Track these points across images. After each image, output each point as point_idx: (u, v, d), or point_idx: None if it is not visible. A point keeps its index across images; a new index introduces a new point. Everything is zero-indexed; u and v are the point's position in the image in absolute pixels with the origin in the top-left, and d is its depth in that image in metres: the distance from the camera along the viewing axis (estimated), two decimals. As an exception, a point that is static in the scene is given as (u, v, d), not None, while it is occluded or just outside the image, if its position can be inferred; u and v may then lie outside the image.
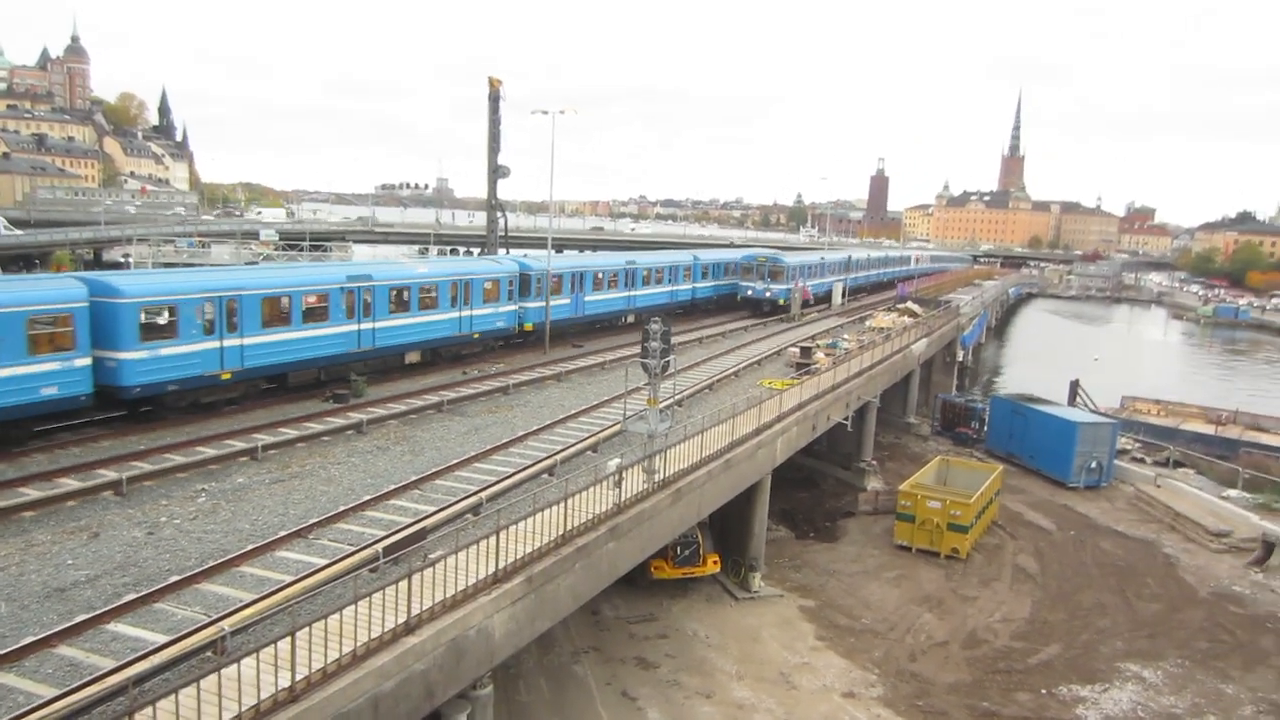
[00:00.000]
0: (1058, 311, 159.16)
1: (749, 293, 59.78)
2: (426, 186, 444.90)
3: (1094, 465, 42.64)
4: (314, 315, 29.89)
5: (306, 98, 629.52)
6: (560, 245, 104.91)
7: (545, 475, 22.50)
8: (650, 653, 25.60)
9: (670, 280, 55.23)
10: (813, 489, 41.13)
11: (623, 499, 20.03)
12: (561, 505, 18.03)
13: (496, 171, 69.88)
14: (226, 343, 26.85)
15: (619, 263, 50.83)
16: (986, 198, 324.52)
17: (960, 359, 64.86)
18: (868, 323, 56.00)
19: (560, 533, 17.85)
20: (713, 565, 29.35)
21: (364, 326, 31.83)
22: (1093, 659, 26.48)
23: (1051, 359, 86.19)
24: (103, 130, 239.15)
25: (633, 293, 50.84)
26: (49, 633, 13.72)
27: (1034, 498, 41.26)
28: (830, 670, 25.37)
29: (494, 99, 64.24)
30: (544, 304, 41.89)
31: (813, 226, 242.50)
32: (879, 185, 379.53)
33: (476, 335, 38.03)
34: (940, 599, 30.34)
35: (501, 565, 16.12)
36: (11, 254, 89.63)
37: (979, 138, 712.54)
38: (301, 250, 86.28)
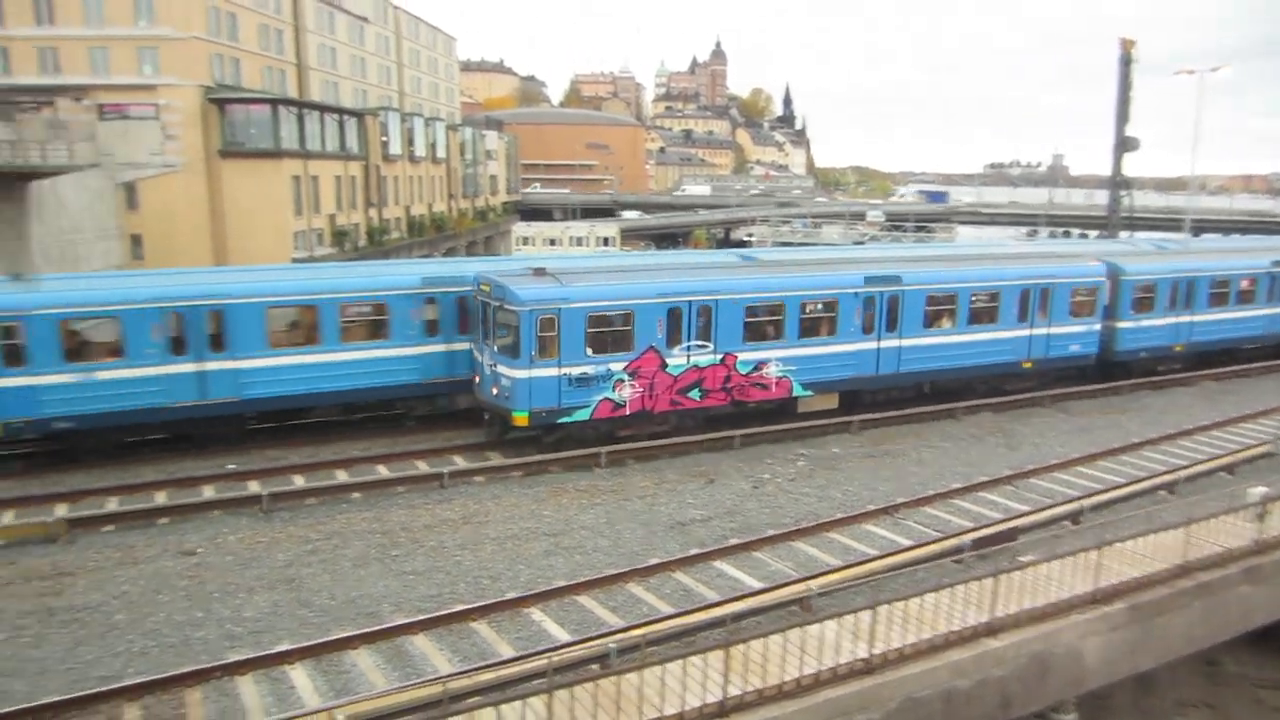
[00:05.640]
0: None
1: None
2: (1039, 164, 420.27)
3: None
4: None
5: (915, 77, 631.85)
6: (1200, 228, 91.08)
7: (1162, 492, 19.73)
8: (1281, 726, 21.10)
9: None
10: None
11: (1265, 535, 16.66)
12: (1183, 531, 15.59)
13: (1123, 144, 62.97)
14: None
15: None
16: None
17: None
18: None
19: (1178, 562, 15.46)
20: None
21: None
22: None
23: None
24: (735, 123, 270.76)
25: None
26: (671, 559, 15.90)
27: None
28: None
29: (1124, 62, 57.85)
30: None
31: None
32: None
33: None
34: None
35: (1101, 585, 14.52)
36: (661, 233, 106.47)
37: None
38: (905, 231, 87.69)
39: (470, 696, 10.82)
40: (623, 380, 21.63)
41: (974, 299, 26.55)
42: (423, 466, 20.29)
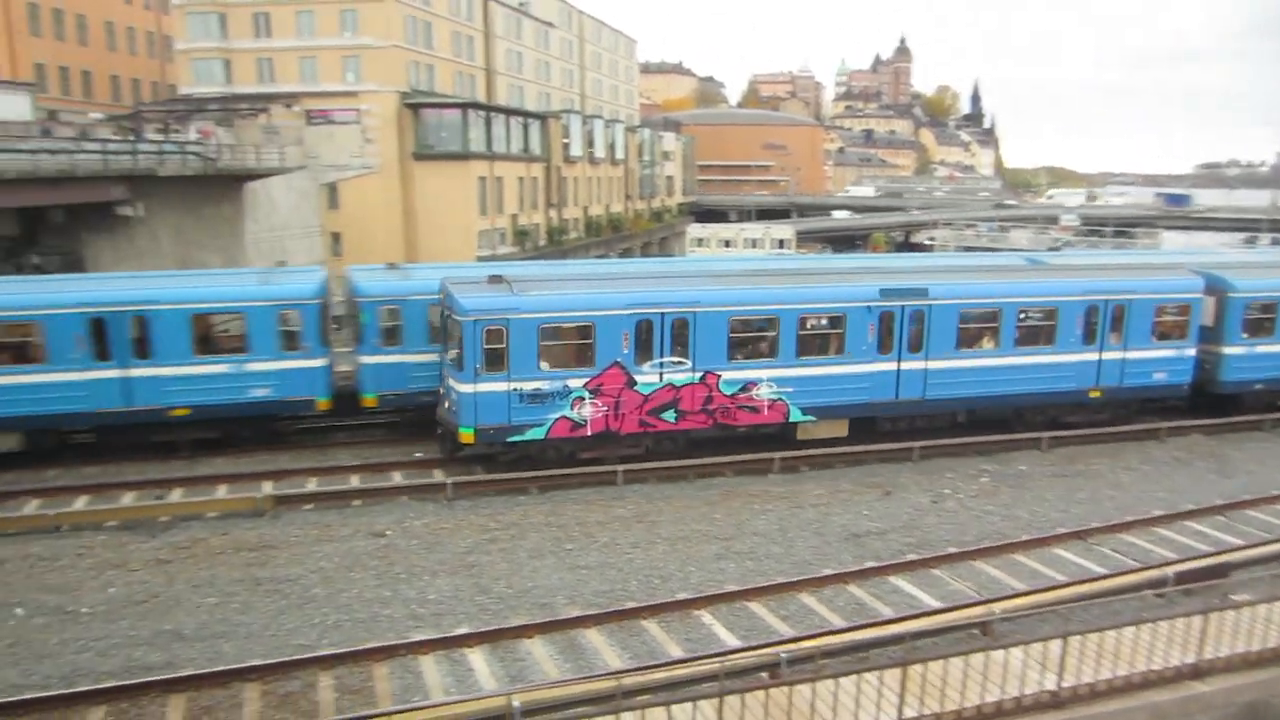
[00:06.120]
0: None
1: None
2: (1262, 163, 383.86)
3: None
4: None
5: (1117, 74, 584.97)
6: None
7: (1407, 533, 17.55)
8: None
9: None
10: None
11: None
12: None
13: (1366, 144, 56.50)
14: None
15: None
16: None
17: None
18: None
19: None
20: None
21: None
22: None
23: None
24: (919, 122, 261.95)
25: None
26: (844, 571, 15.54)
27: None
28: None
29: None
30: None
31: None
32: None
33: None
34: None
35: (1333, 633, 13.04)
36: (839, 235, 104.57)
37: None
38: (1103, 236, 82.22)
39: (642, 694, 10.92)
40: (583, 398, 19.80)
41: (1022, 316, 22.95)
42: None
